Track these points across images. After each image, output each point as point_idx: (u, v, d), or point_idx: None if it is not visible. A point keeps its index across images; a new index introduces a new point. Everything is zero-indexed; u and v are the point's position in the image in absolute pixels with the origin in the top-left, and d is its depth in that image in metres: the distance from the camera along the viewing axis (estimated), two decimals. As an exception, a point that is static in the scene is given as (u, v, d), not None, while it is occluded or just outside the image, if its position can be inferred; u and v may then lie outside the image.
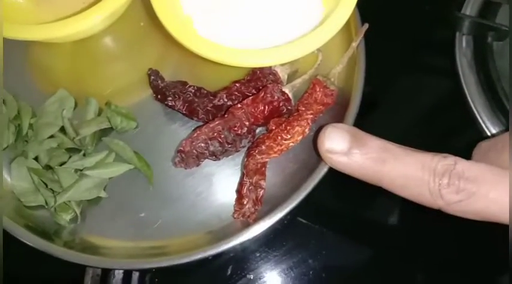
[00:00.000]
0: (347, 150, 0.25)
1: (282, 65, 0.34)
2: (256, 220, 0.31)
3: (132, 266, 0.30)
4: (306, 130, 0.32)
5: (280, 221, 0.40)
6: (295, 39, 0.31)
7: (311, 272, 0.39)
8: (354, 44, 0.35)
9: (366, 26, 0.35)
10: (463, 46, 0.40)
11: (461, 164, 0.24)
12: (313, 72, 0.35)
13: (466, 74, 0.39)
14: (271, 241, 0.40)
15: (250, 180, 0.32)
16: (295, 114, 0.33)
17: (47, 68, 0.38)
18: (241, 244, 0.39)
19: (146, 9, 0.38)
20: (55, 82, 0.36)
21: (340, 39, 0.36)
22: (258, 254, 0.40)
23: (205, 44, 0.31)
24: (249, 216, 0.31)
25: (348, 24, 0.36)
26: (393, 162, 0.24)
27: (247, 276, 0.39)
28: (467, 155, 0.26)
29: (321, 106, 0.33)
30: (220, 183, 0.34)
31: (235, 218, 0.32)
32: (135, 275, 0.37)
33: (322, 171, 0.31)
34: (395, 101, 0.41)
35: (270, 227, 0.39)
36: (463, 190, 0.23)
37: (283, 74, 0.34)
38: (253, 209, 0.32)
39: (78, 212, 0.32)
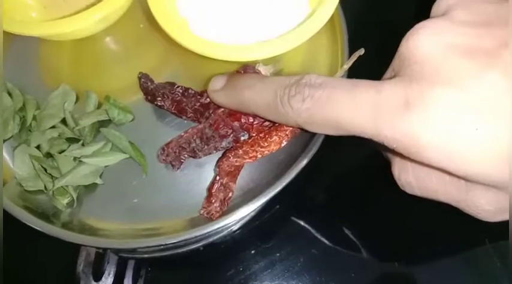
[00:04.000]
0: (222, 87, 0.31)
1: (266, 64, 0.36)
2: (219, 218, 0.32)
3: (126, 246, 0.32)
4: (284, 141, 0.33)
5: (271, 215, 0.42)
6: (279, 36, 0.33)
7: (299, 265, 0.40)
8: (346, 66, 0.35)
9: (362, 50, 0.35)
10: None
11: (310, 75, 0.24)
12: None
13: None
14: (261, 235, 0.42)
15: (221, 181, 0.33)
16: (277, 124, 0.34)
17: (52, 65, 0.40)
18: (232, 234, 0.41)
19: (145, 12, 0.40)
20: (59, 78, 0.39)
21: (326, 40, 0.39)
22: (248, 247, 0.41)
23: (198, 41, 0.34)
24: (212, 214, 0.33)
25: (333, 25, 0.39)
26: (254, 87, 0.27)
27: (237, 267, 0.40)
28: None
29: None
30: (210, 172, 0.35)
31: (200, 214, 0.33)
32: (131, 263, 0.39)
33: (302, 163, 0.33)
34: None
35: (260, 220, 0.41)
36: (308, 96, 0.23)
37: (266, 73, 0.36)
38: (218, 208, 0.33)
39: (74, 196, 0.34)
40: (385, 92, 0.21)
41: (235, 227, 0.40)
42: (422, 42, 0.21)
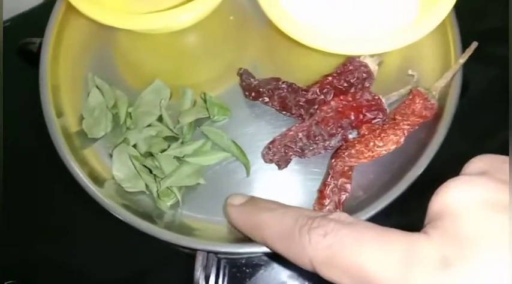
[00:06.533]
0: (241, 203, 0.28)
1: (371, 56, 0.34)
2: None
3: (229, 249, 0.31)
4: (401, 140, 0.32)
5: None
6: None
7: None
8: (461, 61, 0.34)
9: (475, 44, 0.34)
10: None
11: (340, 213, 0.22)
12: (410, 88, 0.34)
13: None
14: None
15: (335, 182, 0.32)
16: (391, 122, 0.33)
17: (139, 59, 0.39)
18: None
19: (236, 2, 0.39)
20: (146, 74, 0.37)
21: (436, 46, 0.37)
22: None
23: (308, 32, 0.32)
24: None
25: (445, 32, 0.36)
26: (275, 211, 0.25)
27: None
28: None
29: (418, 119, 0.33)
30: (315, 171, 0.34)
31: None
32: (222, 264, 0.38)
33: (423, 163, 0.32)
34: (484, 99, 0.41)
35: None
36: (332, 231, 0.21)
37: (373, 65, 0.34)
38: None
39: (179, 197, 0.32)
40: (419, 246, 0.19)
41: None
42: (456, 197, 0.20)
